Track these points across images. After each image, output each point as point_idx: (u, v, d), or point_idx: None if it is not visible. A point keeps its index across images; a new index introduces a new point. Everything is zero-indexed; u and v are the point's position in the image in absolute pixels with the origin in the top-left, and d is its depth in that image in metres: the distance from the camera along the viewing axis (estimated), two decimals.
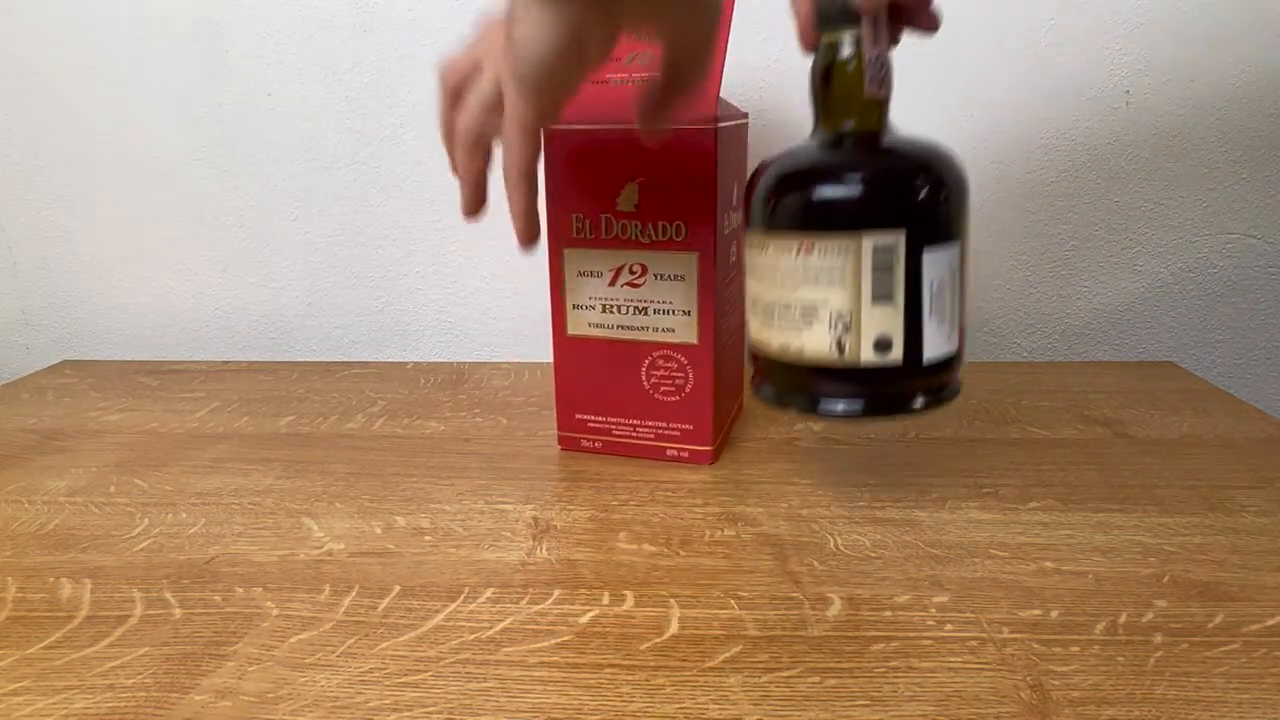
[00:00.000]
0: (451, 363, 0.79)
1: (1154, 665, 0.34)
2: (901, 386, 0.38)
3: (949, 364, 0.39)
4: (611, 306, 0.52)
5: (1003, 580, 0.40)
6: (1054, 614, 0.38)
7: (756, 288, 0.40)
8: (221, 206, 0.81)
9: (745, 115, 0.58)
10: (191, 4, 0.76)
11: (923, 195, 0.37)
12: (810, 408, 0.39)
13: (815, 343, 0.37)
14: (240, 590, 0.41)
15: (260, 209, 0.81)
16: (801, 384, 0.40)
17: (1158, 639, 0.36)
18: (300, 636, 0.37)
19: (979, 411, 0.63)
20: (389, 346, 0.84)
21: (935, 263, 0.37)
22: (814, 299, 0.37)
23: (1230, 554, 0.42)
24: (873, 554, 0.43)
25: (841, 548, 0.44)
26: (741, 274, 0.58)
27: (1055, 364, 0.76)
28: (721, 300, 0.52)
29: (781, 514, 0.47)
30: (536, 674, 0.34)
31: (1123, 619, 0.37)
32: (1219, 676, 0.33)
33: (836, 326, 0.37)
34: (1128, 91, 0.72)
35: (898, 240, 0.36)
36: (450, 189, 0.78)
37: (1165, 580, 0.40)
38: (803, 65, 0.42)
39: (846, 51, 0.38)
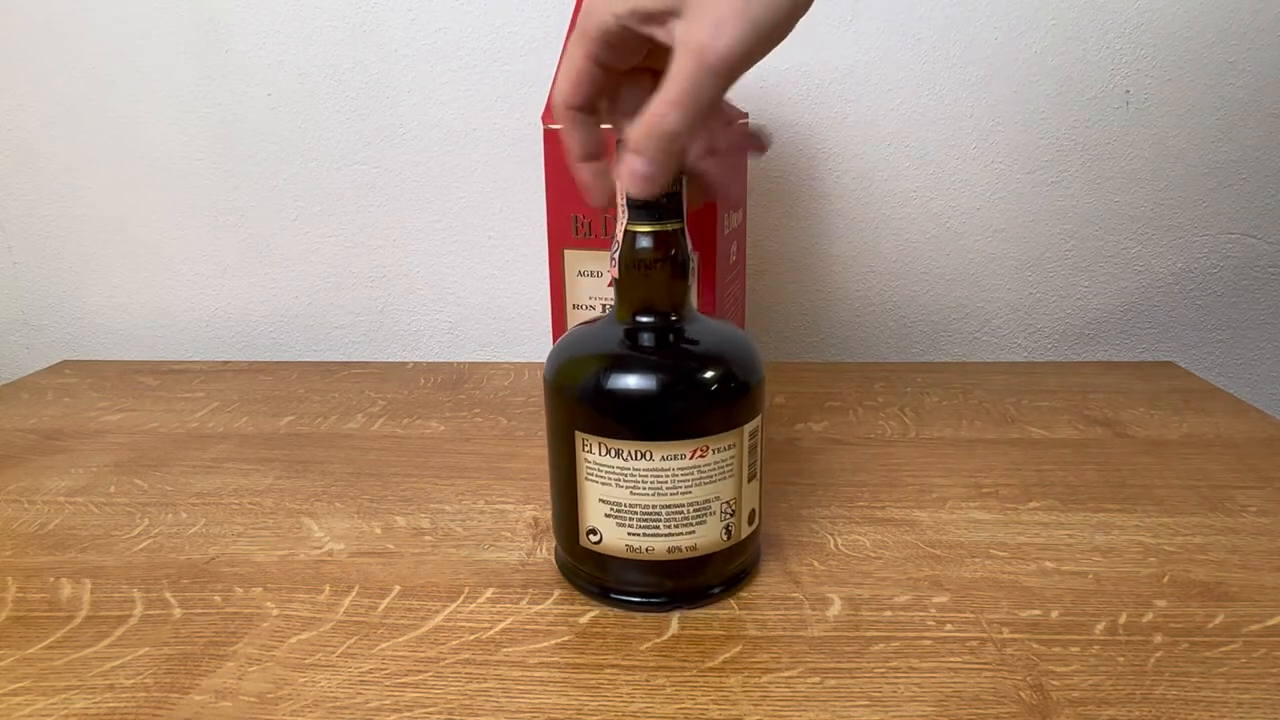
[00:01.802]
0: (451, 363, 0.79)
1: (1154, 665, 0.34)
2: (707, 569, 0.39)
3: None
4: (611, 306, 0.52)
5: (1003, 580, 0.40)
6: (1054, 614, 0.38)
7: (629, 496, 0.37)
8: (221, 206, 0.81)
9: (745, 114, 0.58)
10: (191, 4, 0.76)
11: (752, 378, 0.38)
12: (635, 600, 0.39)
13: (709, 536, 0.38)
14: (240, 590, 0.41)
15: (260, 209, 0.81)
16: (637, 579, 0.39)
17: (1158, 639, 0.36)
18: (300, 637, 0.37)
19: (979, 411, 0.63)
20: (389, 346, 0.84)
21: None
22: (708, 495, 0.37)
23: (1230, 554, 0.42)
24: (873, 554, 0.43)
25: (841, 548, 0.44)
26: (742, 274, 0.58)
27: (1055, 364, 0.76)
28: (722, 300, 0.52)
29: (781, 514, 0.47)
30: (536, 674, 0.34)
31: (1123, 619, 0.37)
32: (1219, 676, 0.33)
33: (725, 514, 0.38)
34: (1128, 91, 0.72)
35: (760, 420, 0.39)
36: (450, 189, 0.79)
37: (1165, 580, 0.40)
38: (805, 66, 0.42)
39: (643, 243, 0.37)
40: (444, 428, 0.62)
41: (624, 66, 0.36)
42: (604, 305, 0.52)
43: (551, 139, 0.50)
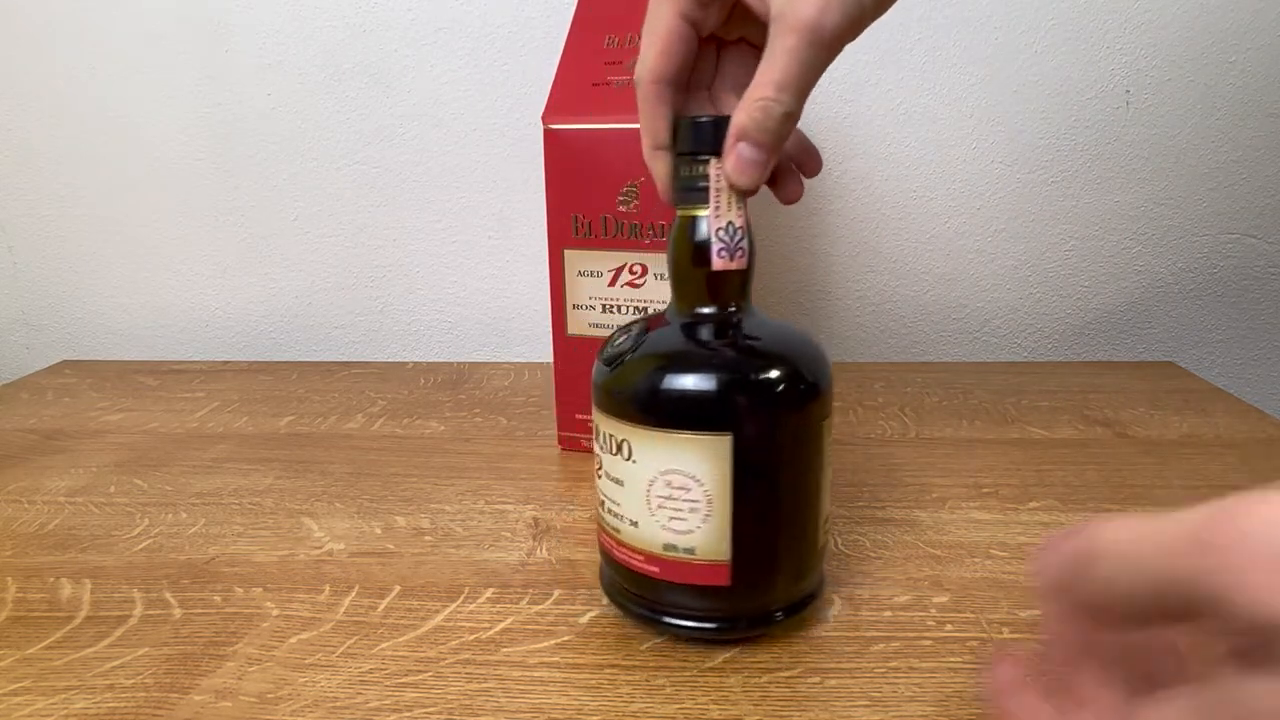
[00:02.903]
0: (451, 363, 0.79)
1: None
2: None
3: None
4: (611, 306, 0.52)
5: (1003, 580, 0.40)
6: None
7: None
8: (221, 206, 0.81)
9: None
10: (191, 4, 0.76)
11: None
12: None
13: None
14: (240, 590, 0.41)
15: (260, 209, 0.81)
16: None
17: None
18: (300, 637, 0.37)
19: (979, 411, 0.63)
20: (389, 346, 0.84)
21: None
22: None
23: None
24: (873, 554, 0.43)
25: (841, 548, 0.44)
26: None
27: (1055, 364, 0.76)
28: None
29: None
30: (536, 674, 0.34)
31: None
32: None
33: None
34: (1128, 91, 0.72)
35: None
36: (450, 189, 0.79)
37: None
38: None
39: (702, 227, 0.34)
40: (444, 428, 0.62)
41: (713, 27, 0.34)
42: (603, 305, 0.52)
43: (551, 139, 0.50)
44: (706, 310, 0.36)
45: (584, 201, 0.51)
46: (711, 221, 0.33)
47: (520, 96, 0.76)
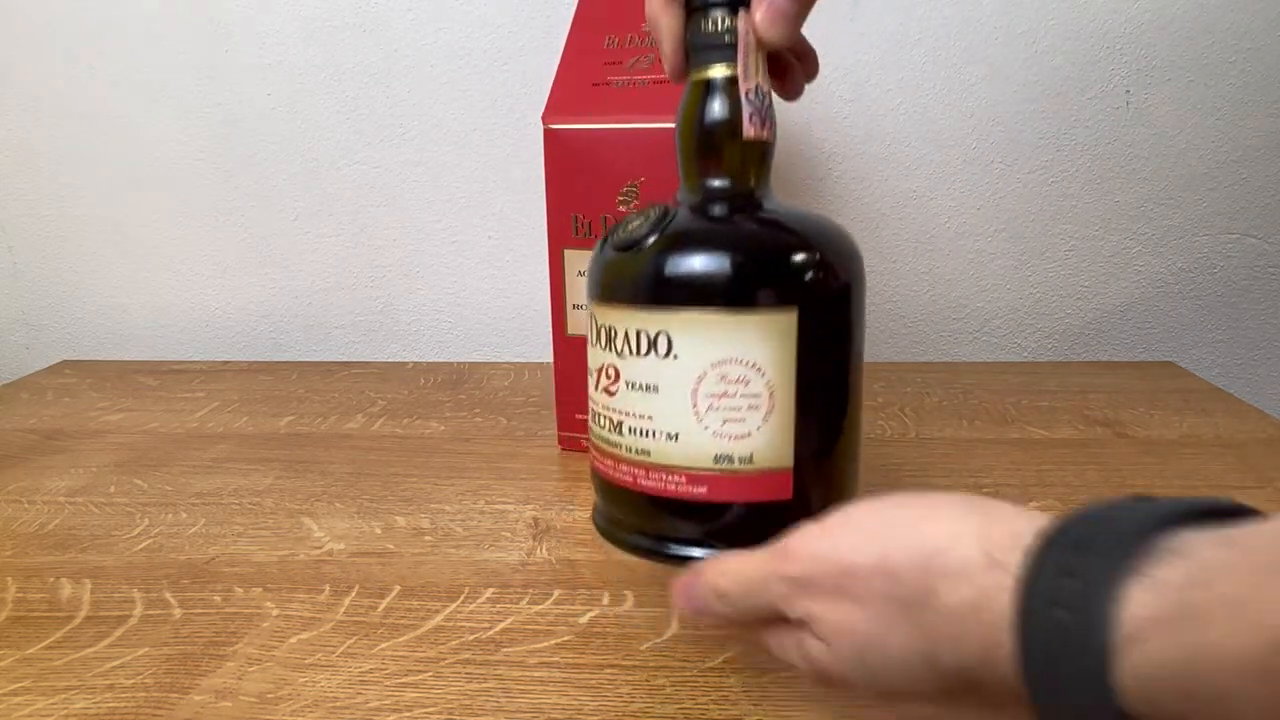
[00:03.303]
0: (451, 363, 0.79)
1: None
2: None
3: None
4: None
5: None
6: None
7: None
8: (221, 206, 0.81)
9: None
10: (191, 4, 0.76)
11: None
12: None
13: None
14: (240, 590, 0.41)
15: (260, 209, 0.81)
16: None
17: None
18: (300, 637, 0.37)
19: (979, 411, 0.63)
20: (389, 346, 0.84)
21: None
22: None
23: None
24: None
25: None
26: None
27: (1055, 364, 0.76)
28: None
29: None
30: (536, 674, 0.34)
31: None
32: None
33: None
34: (1128, 91, 0.72)
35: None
36: (450, 189, 0.79)
37: None
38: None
39: (721, 90, 0.31)
40: (444, 428, 0.62)
41: None
42: None
43: (551, 139, 0.50)
44: (725, 187, 0.31)
45: (584, 201, 0.51)
46: (741, 83, 0.30)
47: (520, 96, 0.76)
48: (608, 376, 0.30)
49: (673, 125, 0.34)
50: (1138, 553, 0.19)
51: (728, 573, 0.27)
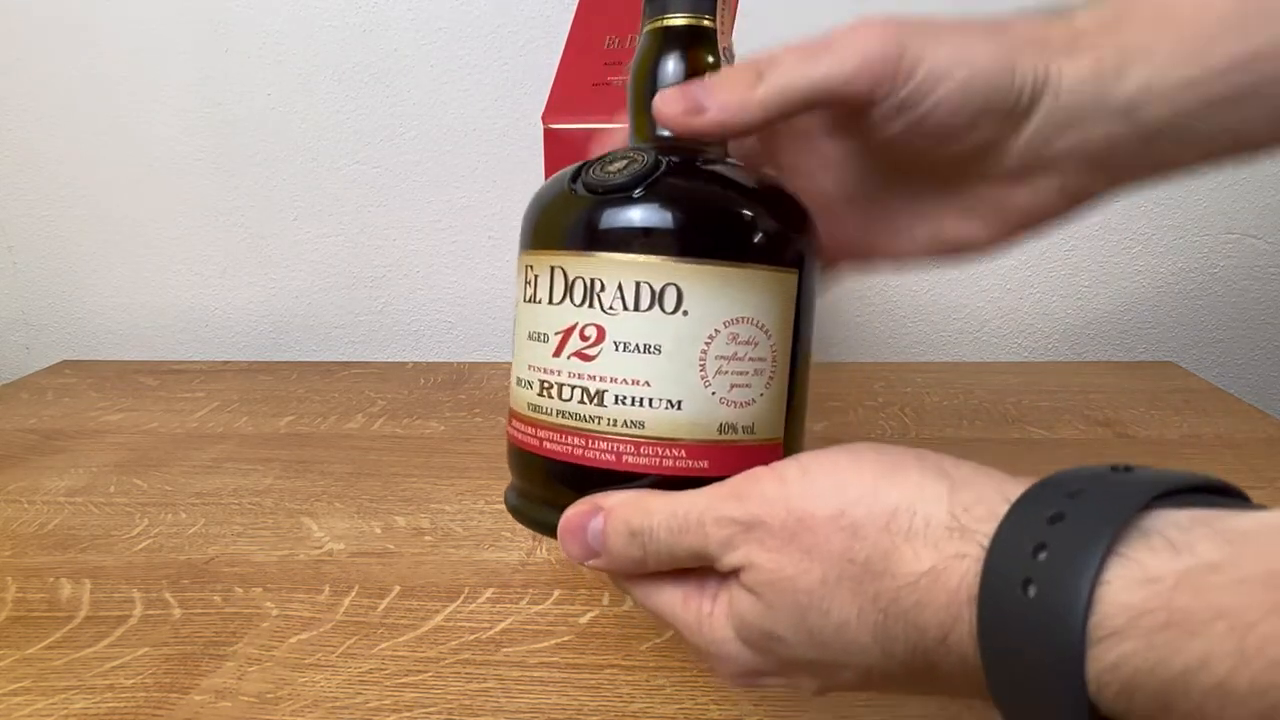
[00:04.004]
0: (451, 363, 0.79)
1: None
2: None
3: None
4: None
5: None
6: None
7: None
8: (221, 206, 0.81)
9: None
10: (191, 4, 0.76)
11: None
12: None
13: None
14: (240, 590, 0.41)
15: (260, 209, 0.81)
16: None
17: None
18: (300, 637, 0.37)
19: (979, 411, 0.63)
20: (389, 346, 0.84)
21: None
22: None
23: None
24: None
25: None
26: None
27: (1055, 364, 0.76)
28: None
29: None
30: (536, 674, 0.34)
31: None
32: None
33: None
34: None
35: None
36: (450, 189, 0.79)
37: None
38: None
39: (682, 39, 0.29)
40: (444, 428, 0.62)
41: None
42: None
43: (552, 139, 0.50)
44: (683, 141, 0.29)
45: None
46: (720, 38, 0.29)
47: (520, 96, 0.76)
48: (582, 338, 0.26)
49: None
50: (1121, 531, 0.17)
51: (652, 510, 0.24)
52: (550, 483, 0.28)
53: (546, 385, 0.27)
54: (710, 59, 0.29)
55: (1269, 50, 0.25)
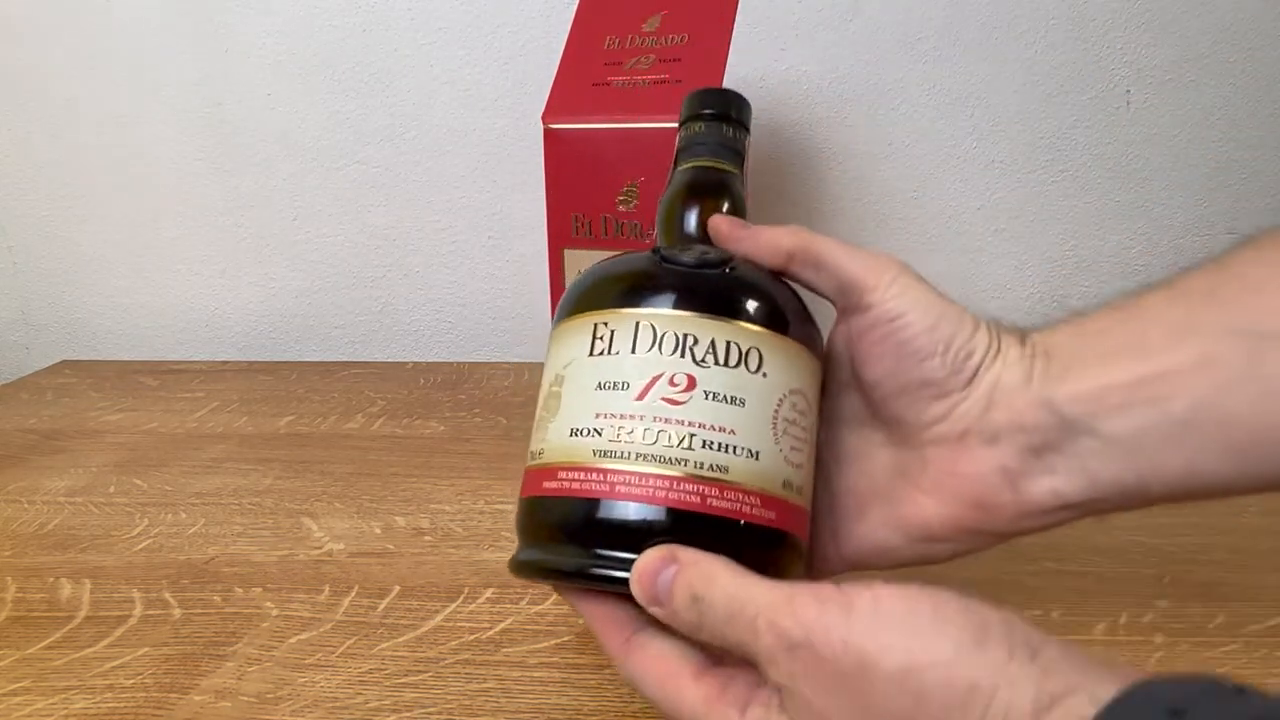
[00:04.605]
0: (451, 363, 0.79)
1: (1154, 665, 0.34)
2: None
3: None
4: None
5: (1003, 580, 0.40)
6: (1055, 614, 0.38)
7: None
8: (221, 206, 0.81)
9: None
10: (191, 4, 0.76)
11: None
12: None
13: None
14: (240, 590, 0.41)
15: (260, 209, 0.81)
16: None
17: (1158, 639, 0.36)
18: (300, 637, 0.37)
19: None
20: (389, 346, 0.84)
21: None
22: None
23: (1230, 554, 0.42)
24: None
25: None
26: None
27: None
28: None
29: None
30: (536, 674, 0.34)
31: (1123, 619, 0.37)
32: None
33: None
34: (1128, 91, 0.72)
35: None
36: (450, 189, 0.79)
37: (1166, 580, 0.40)
38: (805, 66, 0.42)
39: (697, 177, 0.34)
40: (444, 428, 0.62)
41: None
42: None
43: (552, 139, 0.50)
44: (709, 247, 0.33)
45: (584, 201, 0.51)
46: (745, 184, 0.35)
47: (520, 96, 0.76)
48: (671, 384, 0.27)
49: (673, 125, 0.36)
50: None
51: (717, 582, 0.23)
52: (615, 528, 0.27)
53: (625, 430, 0.27)
54: (727, 201, 0.34)
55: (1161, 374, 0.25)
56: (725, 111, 0.35)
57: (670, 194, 0.35)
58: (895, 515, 0.30)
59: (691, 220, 0.34)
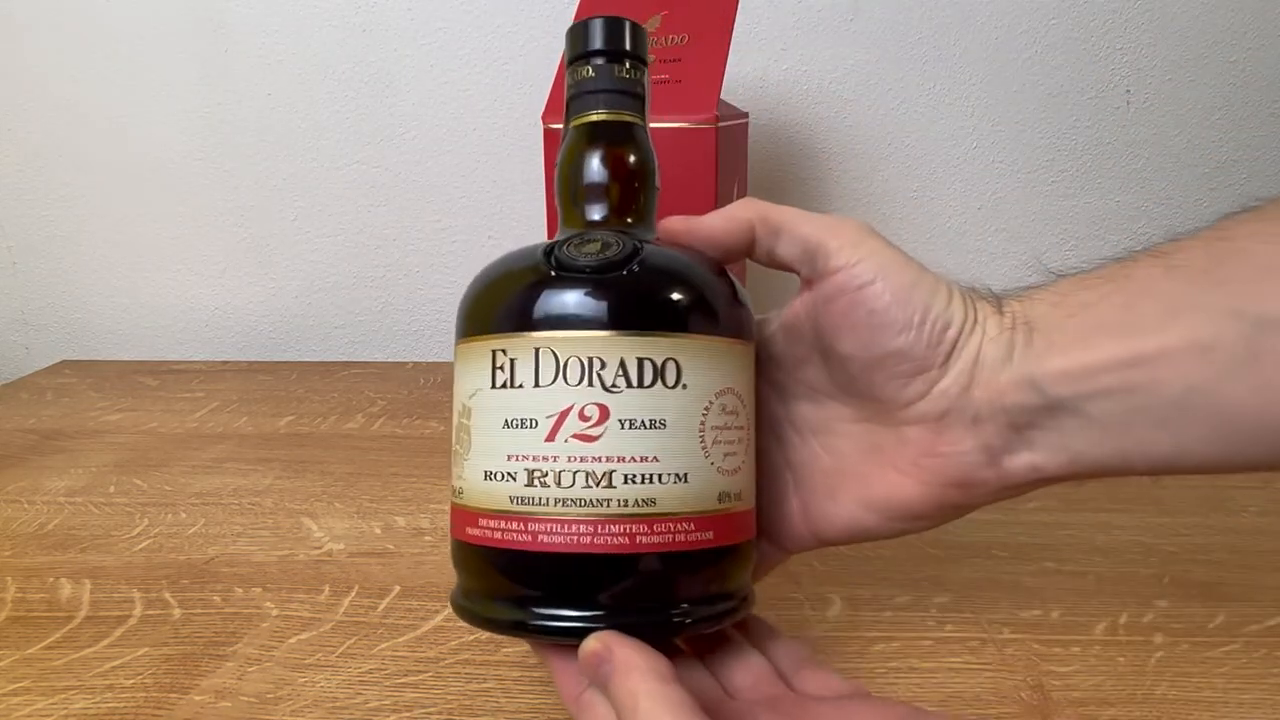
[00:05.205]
0: (451, 363, 0.79)
1: (1154, 665, 0.34)
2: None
3: None
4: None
5: (1003, 580, 0.40)
6: (1055, 614, 0.38)
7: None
8: (221, 206, 0.81)
9: (745, 115, 0.58)
10: (191, 4, 0.76)
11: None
12: None
13: None
14: (240, 590, 0.41)
15: (260, 209, 0.81)
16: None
17: (1158, 639, 0.36)
18: (300, 637, 0.37)
19: None
20: (389, 346, 0.84)
21: None
22: None
23: (1230, 554, 0.42)
24: (872, 554, 0.43)
25: (841, 547, 0.44)
26: (742, 271, 0.58)
27: None
28: None
29: None
30: (536, 674, 0.34)
31: (1123, 619, 0.37)
32: (1219, 677, 0.33)
33: None
34: (1128, 91, 0.72)
35: None
36: (450, 189, 0.79)
37: (1165, 580, 0.40)
38: (805, 66, 0.42)
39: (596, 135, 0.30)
40: (444, 428, 0.62)
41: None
42: None
43: (552, 139, 0.50)
44: (619, 224, 0.30)
45: None
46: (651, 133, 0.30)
47: (520, 96, 0.76)
48: (583, 419, 0.25)
49: (672, 125, 0.35)
50: None
51: (666, 676, 0.22)
52: (544, 580, 0.26)
53: (539, 474, 0.25)
54: (633, 156, 0.30)
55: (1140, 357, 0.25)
56: (619, 47, 0.29)
57: (563, 158, 0.30)
58: (871, 495, 0.29)
59: (594, 193, 0.30)
